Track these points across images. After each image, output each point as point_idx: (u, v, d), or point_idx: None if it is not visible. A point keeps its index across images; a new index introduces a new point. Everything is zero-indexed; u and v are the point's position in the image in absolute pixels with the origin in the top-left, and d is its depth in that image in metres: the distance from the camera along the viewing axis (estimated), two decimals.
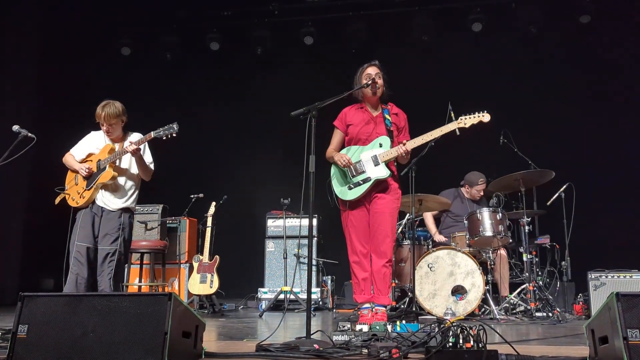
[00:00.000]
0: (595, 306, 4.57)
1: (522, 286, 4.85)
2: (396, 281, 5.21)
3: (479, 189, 5.49)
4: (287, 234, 6.02)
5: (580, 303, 4.96)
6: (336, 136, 4.11)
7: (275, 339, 2.91)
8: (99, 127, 3.92)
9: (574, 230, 5.26)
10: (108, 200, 3.81)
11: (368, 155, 3.91)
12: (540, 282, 5.06)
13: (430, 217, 5.73)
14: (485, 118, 3.81)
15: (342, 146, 4.10)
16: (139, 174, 3.91)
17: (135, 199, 3.94)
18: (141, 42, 8.03)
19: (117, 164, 3.86)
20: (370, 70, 3.97)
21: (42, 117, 6.71)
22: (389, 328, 2.98)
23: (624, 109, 6.85)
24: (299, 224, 5.92)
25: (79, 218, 3.80)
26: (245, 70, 8.08)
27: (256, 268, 6.29)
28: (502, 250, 5.05)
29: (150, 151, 3.99)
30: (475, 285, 4.53)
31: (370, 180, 3.86)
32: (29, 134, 3.77)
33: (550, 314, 4.52)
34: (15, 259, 6.76)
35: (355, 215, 3.94)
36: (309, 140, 3.07)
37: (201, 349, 2.50)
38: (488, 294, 4.69)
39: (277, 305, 5.60)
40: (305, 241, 5.89)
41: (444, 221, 5.68)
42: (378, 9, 7.60)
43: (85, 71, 7.55)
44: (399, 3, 7.52)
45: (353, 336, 2.79)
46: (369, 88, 3.92)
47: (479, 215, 4.89)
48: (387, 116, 3.99)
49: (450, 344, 2.18)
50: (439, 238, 5.50)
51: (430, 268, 4.65)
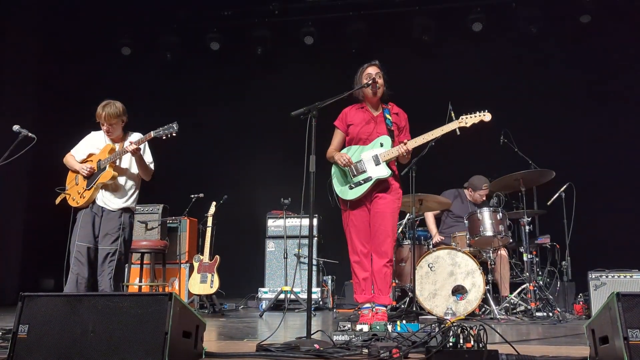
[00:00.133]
0: (595, 306, 4.57)
1: (523, 286, 4.85)
2: (397, 281, 5.22)
3: (481, 194, 5.48)
4: (288, 233, 6.02)
5: (581, 303, 4.96)
6: (337, 136, 4.11)
7: (275, 338, 2.91)
8: (99, 127, 3.92)
9: (574, 230, 5.25)
10: (108, 200, 3.82)
11: (369, 154, 3.90)
12: (541, 282, 5.07)
13: (431, 217, 5.73)
14: (487, 117, 3.80)
15: (343, 146, 4.09)
16: (139, 173, 3.91)
17: (135, 198, 3.94)
18: (141, 42, 8.03)
19: (118, 164, 3.86)
20: (371, 70, 3.97)
21: (42, 117, 6.71)
22: (390, 328, 2.98)
23: (624, 109, 6.86)
24: (300, 223, 5.93)
25: (79, 218, 3.81)
26: (246, 70, 8.09)
27: (256, 268, 6.29)
28: (503, 250, 5.04)
29: (150, 151, 4.00)
30: (476, 285, 4.52)
31: (371, 179, 3.86)
32: (29, 134, 3.77)
33: (550, 314, 4.53)
34: (15, 259, 6.75)
35: (356, 215, 3.94)
36: (309, 140, 3.07)
37: (201, 349, 2.50)
38: (488, 294, 4.69)
39: (278, 305, 5.60)
40: (305, 241, 5.90)
41: (445, 221, 5.68)
42: (378, 9, 7.60)
43: (86, 71, 7.55)
44: (399, 3, 7.52)
45: (353, 336, 2.79)
46: (369, 88, 3.91)
47: (479, 215, 4.89)
48: (388, 116, 3.99)
49: (451, 344, 2.18)
50: (437, 239, 5.51)
51: (431, 268, 4.65)
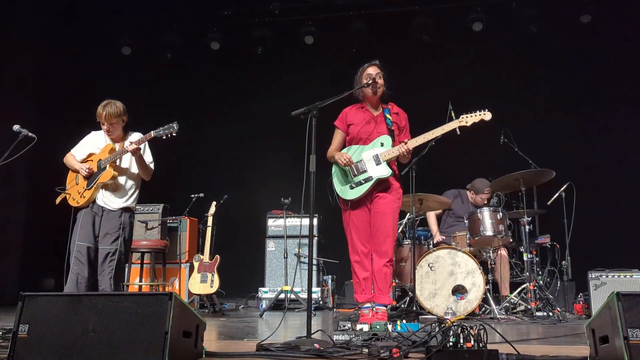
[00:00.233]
0: (595, 306, 4.57)
1: (523, 286, 4.85)
2: (397, 281, 5.22)
3: (483, 197, 5.49)
4: (288, 233, 6.02)
5: (581, 302, 4.96)
6: (337, 136, 4.10)
7: (275, 338, 2.91)
8: (99, 127, 3.92)
9: (574, 229, 5.26)
10: (108, 199, 3.82)
11: (369, 154, 3.90)
12: (541, 282, 5.07)
13: (433, 217, 5.73)
14: (487, 116, 3.80)
15: (343, 146, 4.09)
16: (139, 173, 3.91)
17: (135, 198, 3.94)
18: (141, 42, 8.02)
19: (118, 164, 3.86)
20: (371, 70, 3.97)
21: (42, 117, 6.71)
22: (390, 327, 2.98)
23: (624, 109, 6.85)
24: (300, 223, 5.93)
25: (79, 218, 3.81)
26: (246, 70, 8.08)
27: (257, 267, 6.29)
28: (503, 250, 5.05)
29: (151, 151, 3.99)
30: (476, 285, 4.52)
31: (372, 179, 3.86)
32: (29, 134, 3.77)
33: (550, 314, 4.53)
34: (15, 259, 6.75)
35: (357, 215, 3.93)
36: (309, 140, 3.07)
37: (202, 349, 2.51)
38: (488, 294, 4.69)
39: (278, 305, 5.60)
40: (305, 241, 5.89)
41: (445, 220, 5.68)
42: (378, 9, 7.60)
43: (86, 71, 7.55)
44: (399, 2, 7.52)
45: (354, 336, 2.79)
46: (370, 88, 3.91)
47: (479, 214, 4.89)
48: (388, 115, 3.99)
49: (451, 344, 2.18)
50: (438, 238, 5.51)
51: (431, 267, 4.65)
